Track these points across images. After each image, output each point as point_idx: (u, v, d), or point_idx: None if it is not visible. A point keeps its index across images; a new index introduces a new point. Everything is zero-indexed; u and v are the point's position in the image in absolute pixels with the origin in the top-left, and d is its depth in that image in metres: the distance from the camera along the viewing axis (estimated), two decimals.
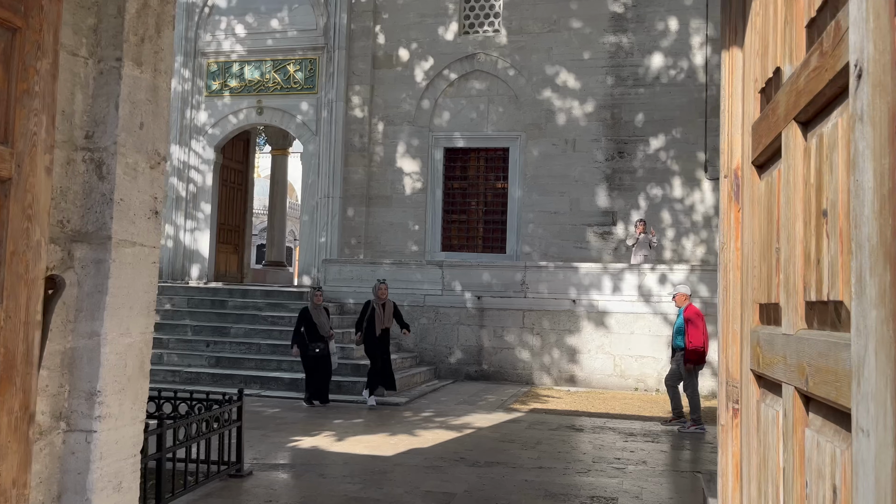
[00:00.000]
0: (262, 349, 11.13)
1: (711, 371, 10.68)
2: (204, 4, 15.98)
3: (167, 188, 15.89)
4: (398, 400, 9.76)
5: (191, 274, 15.76)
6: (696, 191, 13.72)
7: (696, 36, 13.84)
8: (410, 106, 15.02)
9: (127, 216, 2.97)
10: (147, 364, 3.09)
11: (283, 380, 10.11)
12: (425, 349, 12.57)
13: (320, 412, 8.97)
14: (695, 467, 6.61)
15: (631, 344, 11.90)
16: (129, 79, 2.83)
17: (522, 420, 8.88)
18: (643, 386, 11.84)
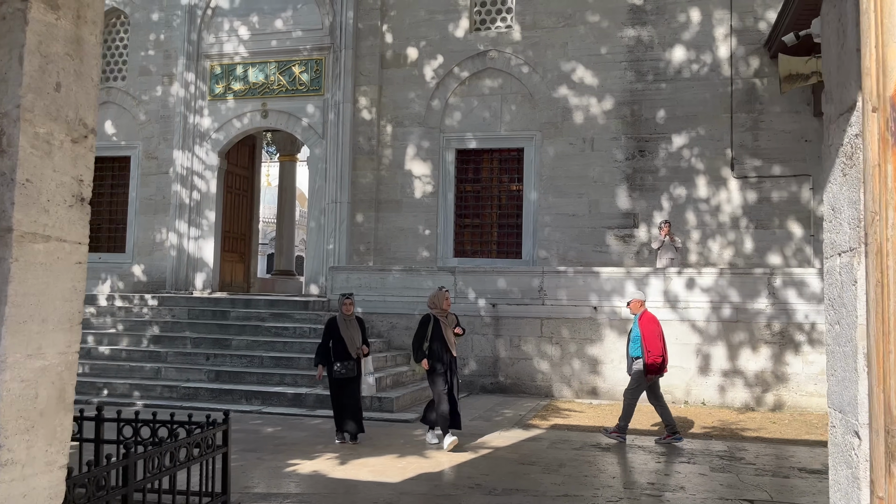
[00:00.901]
0: (265, 362, 10.50)
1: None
2: (206, 6, 15.48)
3: (170, 195, 15.38)
4: (408, 416, 9.09)
5: (195, 284, 15.20)
6: (722, 190, 12.98)
7: (719, 27, 13.12)
8: (420, 106, 14.40)
9: (37, 203, 2.31)
10: (70, 392, 2.42)
11: (286, 395, 9.47)
12: None
13: (324, 431, 8.31)
14: (740, 494, 5.87)
15: None
16: (38, 24, 2.18)
17: (543, 438, 8.17)
18: (671, 398, 11.06)
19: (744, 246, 12.84)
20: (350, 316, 7.88)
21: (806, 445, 8.12)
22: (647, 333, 8.20)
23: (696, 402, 10.94)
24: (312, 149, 14.85)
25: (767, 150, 12.81)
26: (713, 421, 9.61)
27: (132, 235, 15.90)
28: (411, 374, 10.92)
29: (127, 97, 16.17)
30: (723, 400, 10.91)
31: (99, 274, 16.07)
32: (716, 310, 11.04)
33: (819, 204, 12.54)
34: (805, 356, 10.68)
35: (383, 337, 11.84)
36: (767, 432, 8.89)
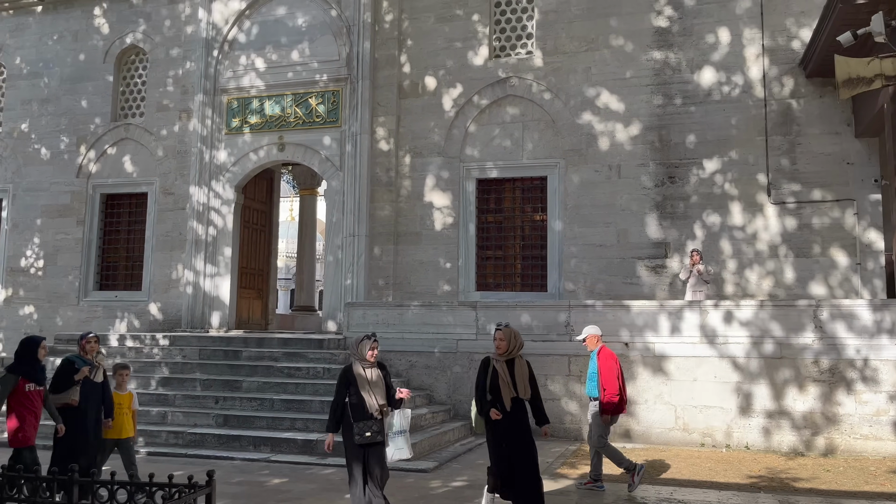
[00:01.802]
0: (276, 405, 9.91)
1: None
2: (224, 40, 15.30)
3: (186, 231, 15.05)
4: (426, 465, 8.39)
5: (211, 322, 14.75)
6: (758, 217, 12.22)
7: (750, 47, 12.50)
8: (439, 136, 13.94)
9: None
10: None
11: (296, 441, 8.85)
12: (459, 401, 11.19)
13: (334, 483, 7.65)
14: None
15: (694, 392, 10.35)
16: None
17: (571, 492, 7.42)
18: (710, 441, 10.24)
19: (784, 276, 12.02)
20: (372, 363, 5.88)
21: (867, 499, 7.26)
22: (605, 370, 7.61)
23: (738, 446, 10.08)
24: (329, 181, 14.44)
25: (806, 173, 12.05)
26: (759, 468, 8.76)
27: (148, 273, 15.57)
28: (430, 417, 10.25)
29: (145, 133, 15.98)
30: (768, 444, 10.03)
31: (115, 312, 15.75)
32: (757, 345, 10.22)
33: (865, 230, 11.72)
34: (858, 395, 9.79)
35: (402, 377, 11.21)
36: (822, 482, 8.02)
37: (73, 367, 6.63)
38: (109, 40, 16.60)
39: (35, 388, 6.39)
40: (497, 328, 6.23)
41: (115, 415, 6.85)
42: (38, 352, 6.48)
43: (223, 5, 15.39)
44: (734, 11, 12.63)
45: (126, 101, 16.61)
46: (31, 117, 16.94)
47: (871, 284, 11.68)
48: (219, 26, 15.35)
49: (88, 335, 6.87)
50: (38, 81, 17.03)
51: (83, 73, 16.65)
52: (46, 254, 16.42)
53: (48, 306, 16.26)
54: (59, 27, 17.03)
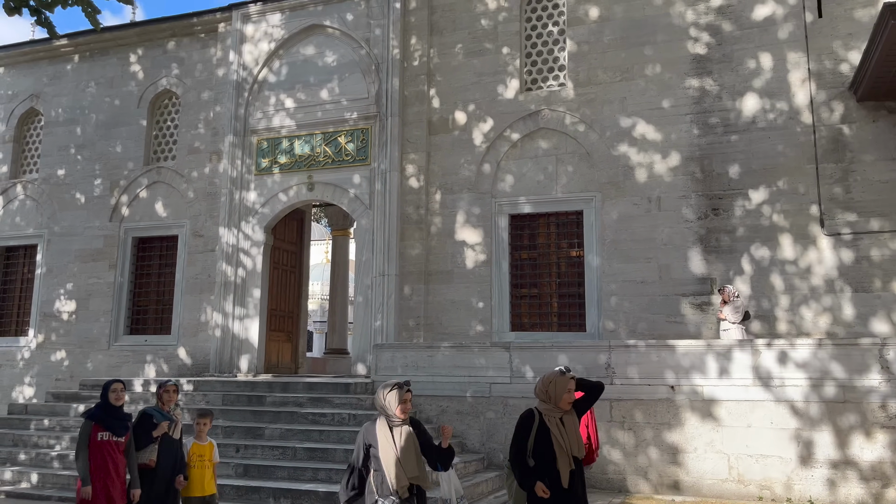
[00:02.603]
0: (298, 454, 9.39)
1: None
2: (253, 81, 15.29)
3: (215, 273, 14.82)
4: None
5: (240, 366, 14.39)
6: (811, 250, 11.45)
7: (795, 72, 11.90)
8: (470, 172, 13.55)
9: None
10: None
11: (318, 493, 8.29)
12: (493, 449, 10.53)
13: None
14: None
15: (749, 440, 9.53)
16: None
17: None
18: (769, 494, 9.37)
19: (842, 312, 11.17)
20: (404, 420, 4.55)
21: None
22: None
23: (800, 500, 9.18)
24: (359, 220, 14.11)
25: (862, 202, 11.28)
26: None
27: (178, 316, 15.35)
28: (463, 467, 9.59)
29: (176, 176, 15.96)
30: (833, 497, 9.12)
31: (144, 357, 15.53)
32: (816, 388, 9.39)
33: None
34: None
35: (432, 423, 10.61)
36: None
37: (151, 422, 6.10)
38: (143, 85, 16.77)
39: (110, 437, 5.80)
40: (565, 372, 4.89)
41: (197, 468, 6.27)
42: (108, 395, 5.96)
43: (253, 46, 15.44)
44: (776, 36, 12.09)
45: (159, 145, 16.68)
46: (66, 163, 17.12)
47: None
48: (249, 67, 15.37)
49: (167, 384, 6.31)
50: (74, 128, 17.26)
51: (118, 119, 16.81)
52: (79, 298, 16.37)
53: (79, 351, 16.14)
54: (96, 74, 17.30)
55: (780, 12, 12.13)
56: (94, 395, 12.52)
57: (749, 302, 11.51)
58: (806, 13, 11.95)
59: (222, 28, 16.03)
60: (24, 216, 17.45)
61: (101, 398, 6.02)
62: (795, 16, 12.02)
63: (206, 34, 16.37)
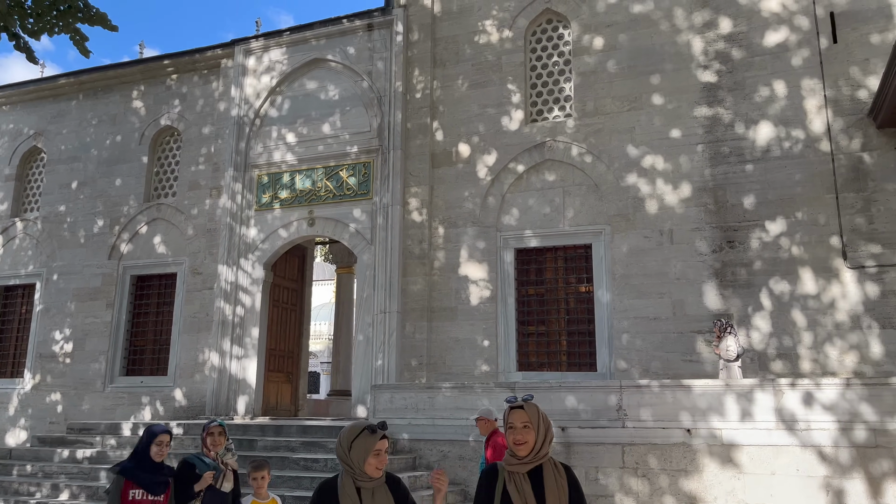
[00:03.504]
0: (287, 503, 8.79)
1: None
2: (255, 115, 15.10)
3: (213, 311, 14.41)
4: None
5: (237, 408, 13.86)
6: (834, 284, 10.86)
7: (811, 99, 11.48)
8: (474, 205, 13.14)
9: None
10: None
11: None
12: None
13: None
14: None
15: (773, 488, 8.82)
16: None
17: None
18: None
19: (870, 350, 10.52)
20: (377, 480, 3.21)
21: None
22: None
23: None
24: (360, 256, 13.70)
25: (887, 233, 10.72)
26: None
27: (175, 357, 14.90)
28: None
29: (176, 213, 15.69)
30: None
31: (140, 399, 15.06)
32: (846, 431, 8.71)
33: None
34: None
35: (432, 469, 9.97)
36: None
37: (194, 473, 5.27)
38: (146, 122, 16.65)
39: (145, 496, 4.98)
40: (510, 405, 3.29)
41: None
42: (149, 448, 5.09)
43: (255, 81, 15.29)
44: (790, 62, 11.71)
45: (159, 181, 16.48)
46: (67, 201, 16.94)
47: None
48: (250, 102, 15.20)
49: (211, 425, 5.40)
50: (76, 165, 17.12)
51: (119, 155, 16.66)
52: (76, 338, 15.99)
53: (74, 393, 15.69)
54: (99, 111, 17.23)
55: (794, 39, 11.77)
56: (82, 439, 12.03)
57: (770, 339, 10.90)
58: (820, 39, 11.58)
59: (224, 63, 15.94)
60: (24, 255, 17.21)
61: (138, 449, 5.17)
62: (809, 42, 11.65)
63: (209, 70, 16.27)
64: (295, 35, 15.14)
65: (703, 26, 12.32)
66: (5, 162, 18.02)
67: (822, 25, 11.60)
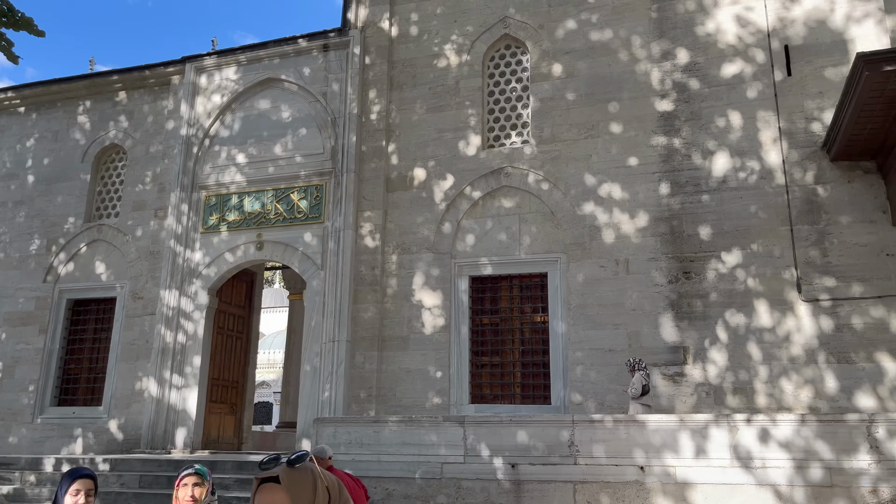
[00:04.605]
0: None
1: None
2: (205, 135, 14.66)
3: (153, 338, 13.77)
4: None
5: (175, 441, 13.19)
6: (789, 317, 10.78)
7: (766, 130, 11.52)
8: (429, 231, 12.85)
9: None
10: None
11: None
12: None
13: None
14: None
15: None
16: None
17: None
18: None
19: (824, 385, 10.42)
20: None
21: None
22: None
23: None
24: (310, 281, 13.26)
25: (841, 267, 10.70)
26: None
27: (110, 387, 14.19)
28: None
29: (118, 234, 15.09)
30: None
31: (72, 431, 14.27)
32: (801, 470, 8.51)
33: None
34: None
35: None
36: None
37: None
38: (90, 139, 16.08)
39: None
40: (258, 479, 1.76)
41: None
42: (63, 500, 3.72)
43: (206, 99, 14.89)
44: (745, 94, 11.76)
45: (102, 201, 15.87)
46: (2, 220, 16.18)
47: None
48: (200, 121, 14.77)
49: (184, 473, 4.03)
50: (14, 183, 16.42)
51: (60, 174, 16.03)
52: (5, 366, 15.17)
53: (1, 424, 14.81)
54: (41, 127, 16.61)
55: (749, 70, 11.84)
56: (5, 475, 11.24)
57: (726, 373, 10.74)
58: (775, 71, 11.67)
59: (175, 81, 15.51)
60: None
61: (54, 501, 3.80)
62: (764, 74, 11.73)
63: (159, 87, 15.83)
64: (249, 53, 14.82)
65: (661, 56, 12.35)
66: None
67: (777, 58, 11.70)
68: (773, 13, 11.89)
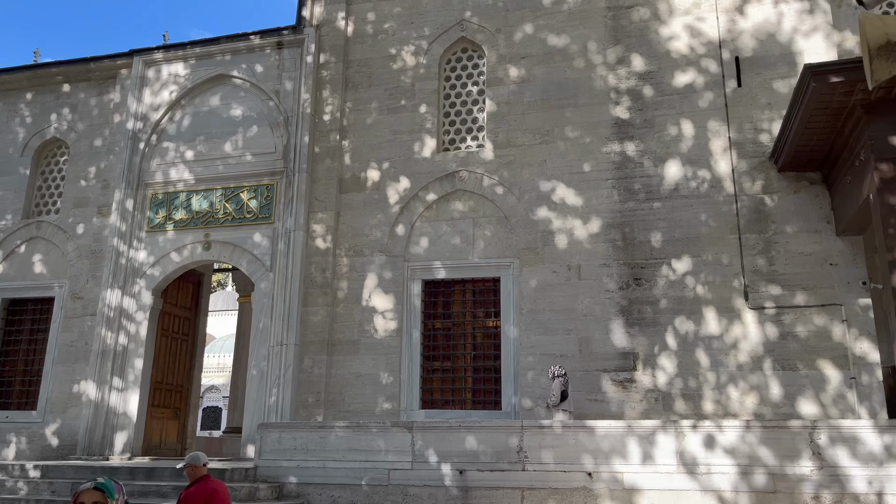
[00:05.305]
0: None
1: None
2: (152, 131, 14.26)
3: (93, 340, 13.31)
4: None
5: (114, 447, 12.75)
6: (736, 324, 10.95)
7: (716, 140, 11.70)
8: (382, 233, 12.70)
9: None
10: None
11: None
12: None
13: None
14: None
15: None
16: None
17: None
18: None
19: (770, 392, 10.60)
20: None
21: None
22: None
23: None
24: (258, 283, 12.97)
25: (786, 275, 10.92)
26: None
27: (46, 390, 13.66)
28: None
29: (58, 232, 14.56)
30: None
31: (5, 436, 13.72)
32: (746, 476, 8.63)
33: (856, 339, 10.44)
34: None
35: None
36: None
37: None
38: (31, 132, 15.51)
39: None
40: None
41: None
42: None
43: (154, 95, 14.49)
44: (697, 103, 11.93)
45: (42, 197, 15.30)
46: None
47: (869, 401, 10.27)
48: (148, 116, 14.37)
49: (82, 489, 3.21)
50: None
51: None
52: None
53: None
54: None
55: (701, 80, 12.02)
56: None
57: (675, 379, 10.85)
58: (726, 82, 11.87)
59: (122, 74, 15.07)
60: None
61: None
62: (716, 84, 11.92)
63: (105, 80, 15.36)
64: (200, 49, 14.47)
65: (616, 63, 12.45)
66: None
67: (728, 69, 11.91)
68: (724, 24, 12.10)
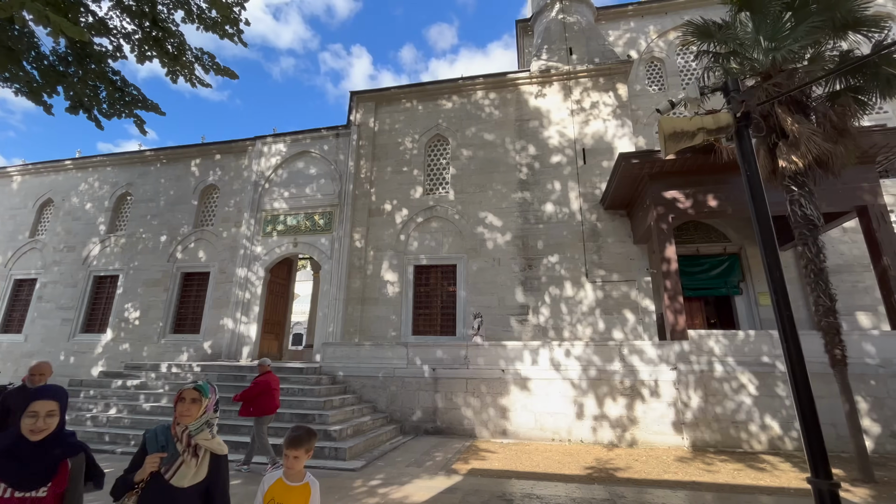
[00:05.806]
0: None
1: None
2: (266, 179, 13.74)
3: (231, 295, 12.78)
4: (356, 465, 6.22)
5: (241, 355, 12.26)
6: (581, 290, 10.89)
7: (572, 192, 11.63)
8: (392, 239, 12.41)
9: None
10: None
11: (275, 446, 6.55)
12: (394, 411, 9.05)
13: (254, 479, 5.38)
14: None
15: (547, 403, 8.53)
16: None
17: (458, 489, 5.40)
18: (558, 437, 8.34)
19: (598, 327, 10.58)
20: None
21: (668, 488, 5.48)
22: None
23: (576, 440, 8.20)
24: (323, 266, 12.58)
25: (608, 264, 10.90)
26: (590, 459, 6.90)
27: (205, 323, 13.09)
28: (371, 423, 8.06)
29: (212, 235, 13.96)
30: (595, 438, 8.19)
31: (181, 348, 13.07)
32: (585, 370, 8.58)
33: (643, 299, 10.46)
34: (649, 404, 8.15)
35: (356, 393, 9.06)
36: (634, 472, 6.21)
37: (143, 454, 2.40)
38: (198, 181, 14.84)
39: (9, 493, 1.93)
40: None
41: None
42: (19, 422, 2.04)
43: (266, 160, 13.96)
44: (562, 172, 11.85)
45: (204, 216, 14.67)
46: (144, 225, 14.76)
47: (650, 332, 10.32)
48: (263, 172, 13.84)
49: (185, 387, 2.38)
50: (151, 204, 15.00)
51: (179, 200, 14.73)
52: (142, 310, 13.80)
53: (138, 343, 13.47)
54: (168, 173, 15.24)
55: (565, 160, 11.94)
56: (132, 373, 10.12)
57: (549, 320, 10.77)
58: (578, 161, 11.81)
59: (249, 149, 14.48)
60: (113, 257, 14.81)
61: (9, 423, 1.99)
62: (572, 162, 11.85)
63: (240, 152, 14.74)
64: (290, 137, 13.97)
65: (521, 150, 12.31)
66: (106, 200, 15.58)
67: (579, 154, 11.85)
68: (577, 130, 12.05)
